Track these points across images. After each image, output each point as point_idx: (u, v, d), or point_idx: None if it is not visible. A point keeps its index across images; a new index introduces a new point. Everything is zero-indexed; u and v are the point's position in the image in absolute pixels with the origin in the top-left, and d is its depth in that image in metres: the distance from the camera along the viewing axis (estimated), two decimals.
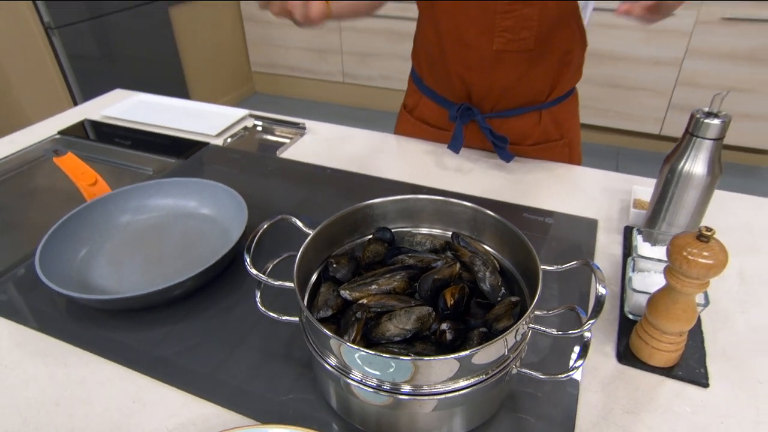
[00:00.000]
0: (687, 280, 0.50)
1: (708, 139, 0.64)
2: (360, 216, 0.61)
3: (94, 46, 2.42)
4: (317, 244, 0.57)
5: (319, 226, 0.56)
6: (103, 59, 2.47)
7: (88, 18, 2.34)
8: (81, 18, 2.30)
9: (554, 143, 0.98)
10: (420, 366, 0.43)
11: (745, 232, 0.78)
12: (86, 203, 0.75)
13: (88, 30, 2.36)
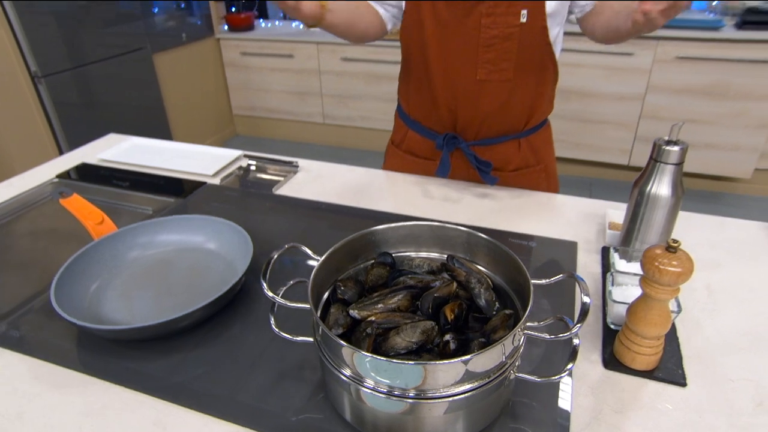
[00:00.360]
0: (660, 287, 0.56)
1: (670, 164, 0.72)
2: (363, 242, 0.66)
3: (80, 94, 2.46)
4: (325, 268, 0.61)
5: (327, 252, 0.61)
6: (88, 106, 2.52)
7: (74, 66, 2.40)
8: (67, 66, 2.36)
9: (532, 169, 1.07)
10: (430, 370, 0.47)
11: (709, 248, 0.86)
12: (96, 240, 0.79)
13: (74, 78, 2.41)
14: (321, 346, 0.55)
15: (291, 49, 3.26)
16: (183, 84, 3.17)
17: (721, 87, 2.44)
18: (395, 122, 1.18)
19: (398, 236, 0.68)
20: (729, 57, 2.37)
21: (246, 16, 3.42)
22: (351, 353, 0.50)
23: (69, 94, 2.40)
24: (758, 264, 0.82)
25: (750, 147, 2.52)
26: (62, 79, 2.35)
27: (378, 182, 1.11)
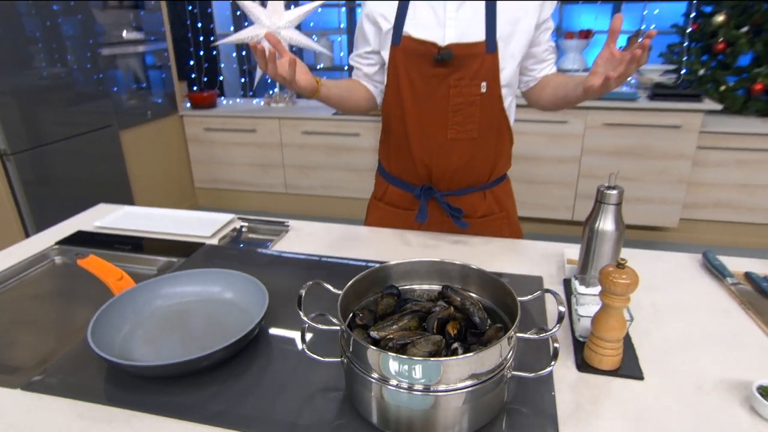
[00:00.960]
0: (615, 296, 0.71)
1: (611, 204, 0.89)
2: (373, 277, 0.78)
3: (47, 171, 2.50)
4: (345, 299, 0.73)
5: (348, 284, 0.73)
6: (55, 183, 2.54)
7: (43, 144, 2.45)
8: (36, 144, 2.41)
9: (496, 216, 1.25)
10: (446, 365, 0.59)
11: (651, 275, 1.03)
12: (123, 292, 0.87)
13: (42, 156, 2.46)
14: (351, 357, 0.65)
15: (253, 124, 3.43)
16: (147, 159, 3.25)
17: (643, 148, 2.79)
18: (376, 180, 1.34)
19: (402, 271, 0.80)
20: (646, 123, 2.73)
21: (209, 94, 3.60)
22: (378, 355, 0.61)
23: (37, 171, 2.44)
24: (690, 285, 1.00)
25: (673, 200, 2.86)
26: (30, 156, 2.39)
27: (363, 236, 1.24)
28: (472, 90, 1.09)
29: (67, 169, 2.61)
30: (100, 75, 2.77)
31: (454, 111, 1.11)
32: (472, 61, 1.08)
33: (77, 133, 2.64)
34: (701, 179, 2.85)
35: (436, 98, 1.11)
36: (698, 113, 2.68)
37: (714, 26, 2.98)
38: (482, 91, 1.10)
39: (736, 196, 2.85)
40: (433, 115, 1.12)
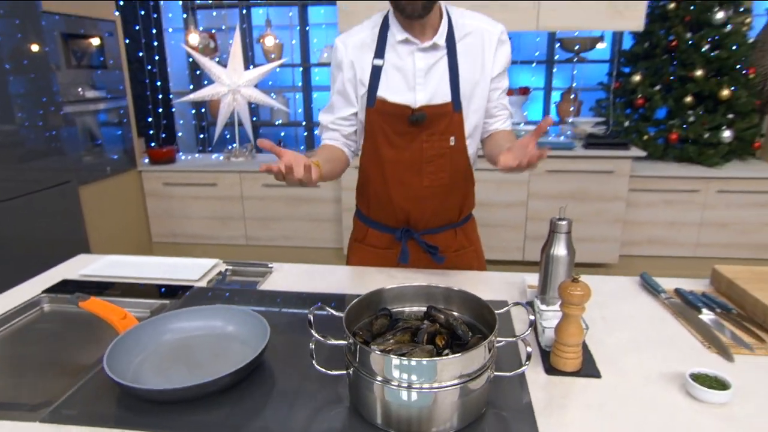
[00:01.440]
0: (572, 306, 0.85)
1: (563, 233, 1.05)
2: (369, 300, 0.89)
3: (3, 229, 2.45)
4: (347, 318, 0.83)
5: (348, 307, 0.83)
6: (11, 241, 2.49)
7: None
8: None
9: (467, 250, 1.40)
10: (441, 364, 0.70)
11: (599, 295, 1.18)
12: (132, 327, 0.93)
13: None
14: (357, 366, 0.75)
15: (214, 178, 3.50)
16: (106, 215, 3.24)
17: (582, 192, 3.07)
18: (355, 224, 1.45)
19: (393, 295, 0.92)
20: (583, 169, 3.03)
21: (168, 150, 3.66)
22: (383, 359, 0.71)
23: None
24: (631, 301, 1.16)
25: (612, 238, 3.13)
26: None
27: (346, 274, 1.35)
28: (443, 143, 1.25)
29: (20, 228, 2.57)
30: (53, 132, 2.76)
31: (427, 162, 1.26)
32: (441, 119, 1.24)
33: (32, 191, 2.62)
34: (635, 218, 3.15)
35: (411, 151, 1.26)
36: (627, 159, 3.00)
37: (633, 84, 3.39)
38: (451, 144, 1.26)
39: (666, 233, 3.15)
40: (409, 166, 1.27)
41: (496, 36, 1.26)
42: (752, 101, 3.19)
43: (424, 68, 1.24)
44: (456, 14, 1.27)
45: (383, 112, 1.26)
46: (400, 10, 1.18)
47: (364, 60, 1.27)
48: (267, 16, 3.70)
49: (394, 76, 1.25)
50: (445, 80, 1.24)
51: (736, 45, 3.12)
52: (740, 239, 3.11)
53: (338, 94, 1.32)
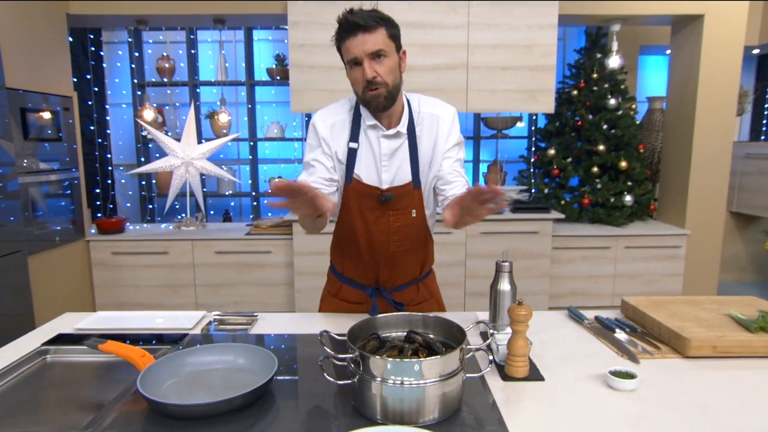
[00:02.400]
0: (519, 323, 1.11)
1: (506, 272, 1.33)
2: (363, 326, 1.10)
3: None
4: (349, 337, 1.03)
5: (348, 330, 1.04)
6: None
7: None
8: None
9: (428, 301, 1.62)
10: (425, 364, 0.92)
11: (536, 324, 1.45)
12: (155, 362, 1.07)
13: None
14: (361, 373, 0.95)
15: (166, 246, 3.57)
16: (52, 284, 3.20)
17: (512, 251, 3.44)
18: (329, 278, 1.65)
19: (382, 322, 1.14)
20: (512, 230, 3.42)
21: (117, 220, 3.70)
22: (383, 363, 0.92)
23: None
24: (562, 327, 1.44)
25: (541, 291, 3.49)
26: None
27: (324, 320, 1.53)
28: (406, 216, 1.46)
29: None
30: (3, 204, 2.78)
31: (394, 232, 1.46)
32: (404, 197, 1.44)
33: None
34: (559, 273, 3.55)
35: (380, 224, 1.45)
36: (548, 221, 3.43)
37: (549, 157, 3.91)
38: (413, 216, 1.47)
39: (586, 285, 3.57)
40: (378, 236, 1.46)
41: (449, 120, 1.47)
42: (644, 171, 3.78)
43: (388, 153, 1.43)
44: (415, 102, 1.47)
45: (357, 191, 1.44)
46: (366, 104, 1.39)
47: (341, 141, 1.44)
48: (221, 95, 3.96)
49: (367, 158, 1.43)
50: (406, 162, 1.44)
51: (626, 125, 3.73)
52: (647, 288, 3.58)
53: (318, 162, 1.43)
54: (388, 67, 1.34)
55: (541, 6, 3.30)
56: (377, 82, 1.33)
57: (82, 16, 3.47)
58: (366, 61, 1.32)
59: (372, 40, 1.30)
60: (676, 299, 1.54)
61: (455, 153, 1.48)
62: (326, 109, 1.50)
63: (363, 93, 1.36)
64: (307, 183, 1.16)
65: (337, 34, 1.35)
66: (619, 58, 3.60)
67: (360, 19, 1.30)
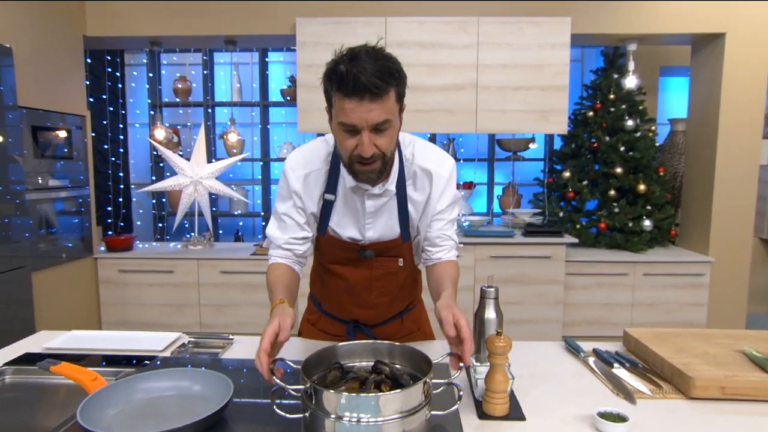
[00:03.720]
0: (497, 356, 1.01)
1: (491, 299, 1.22)
2: (323, 355, 1.02)
3: None
4: (305, 368, 0.95)
5: (305, 359, 0.96)
6: None
7: None
8: None
9: (414, 334, 1.49)
10: (383, 398, 0.83)
11: (527, 357, 1.34)
12: (103, 387, 1.00)
13: None
14: (313, 408, 0.86)
15: (171, 265, 3.55)
16: (56, 301, 3.20)
17: (523, 276, 3.30)
18: (309, 305, 1.55)
19: (344, 351, 1.05)
20: (522, 255, 3.29)
21: (125, 238, 3.71)
22: (336, 398, 0.83)
23: None
24: (556, 360, 1.32)
25: (554, 319, 3.33)
26: None
27: (303, 347, 1.45)
28: (391, 265, 1.32)
29: None
30: (11, 219, 2.81)
31: (376, 280, 1.33)
32: (391, 249, 1.31)
33: None
34: (573, 300, 3.39)
35: (361, 270, 1.32)
36: (561, 246, 3.30)
37: (564, 180, 3.79)
38: (399, 264, 1.33)
39: (602, 313, 3.39)
40: (359, 283, 1.33)
41: (444, 177, 1.28)
42: (664, 195, 3.62)
43: (373, 211, 1.27)
44: (408, 151, 1.28)
45: (333, 243, 1.31)
46: (352, 174, 1.19)
47: (315, 193, 1.28)
48: (231, 115, 3.98)
49: (345, 213, 1.28)
50: (393, 218, 1.29)
51: (645, 147, 3.60)
52: (667, 318, 3.39)
53: (289, 218, 1.29)
54: (390, 139, 1.14)
55: (553, 24, 3.23)
56: (374, 156, 1.12)
57: (99, 38, 3.54)
58: (366, 134, 1.09)
59: (379, 110, 1.06)
60: (684, 332, 1.40)
61: (448, 214, 1.31)
62: (298, 154, 1.31)
63: (351, 163, 1.16)
64: (275, 335, 1.02)
65: (332, 84, 1.09)
66: (636, 78, 3.48)
67: (369, 82, 1.03)
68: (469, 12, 3.30)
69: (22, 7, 2.91)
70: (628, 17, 3.31)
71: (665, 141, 4.13)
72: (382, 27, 3.28)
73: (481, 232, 3.47)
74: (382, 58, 1.08)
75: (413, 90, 3.30)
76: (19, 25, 2.90)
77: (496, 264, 3.32)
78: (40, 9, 3.07)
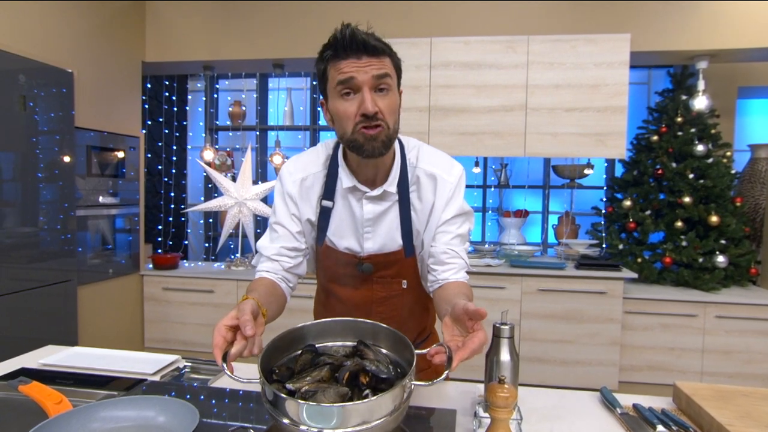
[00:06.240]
0: (498, 409, 0.84)
1: (505, 338, 1.05)
2: (291, 337, 0.89)
3: None
4: (266, 359, 0.82)
5: (265, 346, 0.83)
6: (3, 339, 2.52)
7: None
8: None
9: (425, 372, 1.28)
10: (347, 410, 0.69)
11: (553, 409, 1.14)
12: (57, 415, 0.92)
13: None
14: (271, 410, 0.73)
15: (212, 285, 3.56)
16: (100, 315, 3.27)
17: (575, 312, 3.02)
18: None
19: (317, 330, 0.91)
20: (575, 289, 3.01)
21: (171, 257, 3.77)
22: (296, 404, 0.71)
23: None
24: (586, 416, 1.11)
25: (609, 362, 3.00)
26: None
27: None
28: (394, 286, 1.21)
29: (13, 322, 2.61)
30: (68, 236, 2.92)
31: (378, 303, 1.22)
32: (392, 265, 1.19)
33: (33, 287, 2.70)
34: (632, 342, 3.05)
35: (362, 291, 1.22)
36: (619, 281, 2.99)
37: (624, 209, 3.48)
38: (403, 287, 1.22)
39: (667, 358, 3.03)
40: (359, 306, 1.23)
41: (451, 184, 1.18)
42: (741, 228, 3.23)
43: (372, 217, 1.18)
44: (412, 154, 1.21)
45: (331, 256, 1.22)
46: (356, 148, 1.08)
47: (312, 199, 1.22)
48: (277, 137, 4.02)
49: (343, 220, 1.20)
50: (395, 227, 1.19)
51: (719, 175, 3.24)
52: (747, 369, 2.96)
53: (282, 225, 1.22)
54: (391, 105, 1.08)
55: (610, 42, 3.01)
56: (378, 119, 1.05)
57: (156, 63, 3.70)
58: (367, 90, 1.04)
59: (377, 64, 1.04)
60: (755, 392, 1.15)
61: (455, 227, 1.18)
62: (296, 159, 1.25)
63: (354, 133, 1.06)
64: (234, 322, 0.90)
65: (330, 51, 1.06)
66: (706, 99, 3.17)
67: (366, 39, 1.02)
68: (518, 30, 3.15)
69: (84, 34, 3.09)
70: (697, 31, 3.03)
71: (744, 169, 3.72)
72: (428, 48, 3.19)
73: (529, 262, 3.23)
74: (374, 34, 1.07)
75: (459, 112, 3.19)
76: (82, 51, 3.07)
77: (545, 298, 3.06)
78: (101, 36, 3.24)
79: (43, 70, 2.71)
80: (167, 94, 4.25)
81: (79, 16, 3.05)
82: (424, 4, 3.28)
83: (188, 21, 3.59)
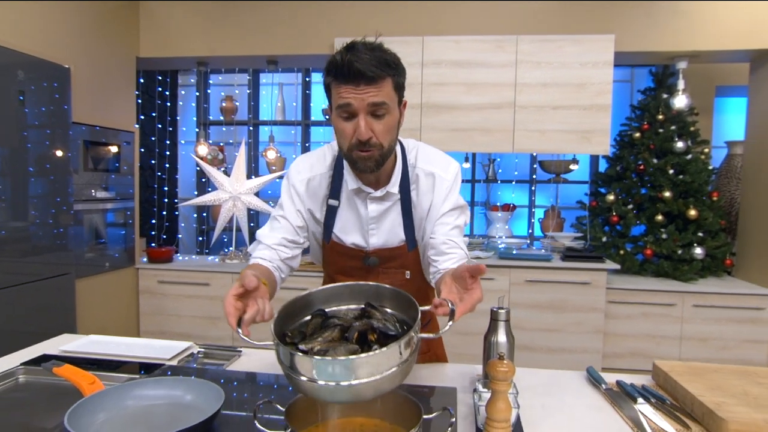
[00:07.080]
0: (498, 381, 0.93)
1: (502, 321, 1.15)
2: (300, 304, 0.97)
3: None
4: (279, 323, 0.91)
5: (277, 312, 0.92)
6: None
7: None
8: None
9: (424, 355, 1.42)
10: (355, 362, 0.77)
11: (542, 386, 1.25)
12: (94, 393, 1.00)
13: None
14: (287, 371, 0.82)
15: (208, 278, 3.62)
16: (98, 307, 3.32)
17: (561, 302, 3.15)
18: None
19: (325, 296, 0.99)
20: (560, 280, 3.14)
21: (166, 250, 3.82)
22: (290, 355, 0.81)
23: None
24: (573, 392, 1.22)
25: (593, 349, 3.15)
26: None
27: None
28: (398, 276, 1.31)
29: (12, 315, 2.65)
30: (61, 230, 2.94)
31: None
32: (396, 258, 1.29)
33: (31, 280, 2.73)
34: (615, 330, 3.20)
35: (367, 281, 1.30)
36: (602, 272, 3.13)
37: (608, 203, 3.62)
38: (407, 277, 1.31)
39: (647, 345, 3.18)
40: None
41: (448, 180, 1.27)
42: (718, 221, 3.39)
43: (376, 215, 1.27)
44: (411, 154, 1.29)
45: (337, 251, 1.31)
46: (351, 164, 1.19)
47: (318, 198, 1.30)
48: (270, 132, 4.08)
49: (348, 218, 1.28)
50: (398, 224, 1.28)
51: (697, 170, 3.39)
52: (721, 355, 3.13)
53: (285, 219, 1.29)
54: (387, 127, 1.14)
55: (595, 42, 3.13)
56: (371, 143, 1.12)
57: (151, 58, 3.73)
58: (362, 117, 1.10)
59: (374, 92, 1.09)
60: (723, 368, 1.27)
61: (453, 219, 1.26)
62: (304, 159, 1.34)
63: (350, 151, 1.15)
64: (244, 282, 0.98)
65: (330, 74, 1.12)
66: (686, 97, 3.31)
67: (365, 67, 1.06)
68: (507, 30, 3.25)
69: (80, 30, 3.11)
70: (678, 33, 3.17)
71: (721, 165, 3.89)
72: (419, 46, 3.28)
73: (517, 254, 3.35)
74: (378, 50, 1.11)
75: (450, 109, 3.28)
76: (77, 47, 3.09)
77: (532, 289, 3.18)
78: (97, 31, 3.26)
79: (40, 65, 2.74)
80: (160, 89, 4.27)
81: (76, 12, 3.08)
82: (416, 3, 3.36)
83: (183, 17, 3.62)
